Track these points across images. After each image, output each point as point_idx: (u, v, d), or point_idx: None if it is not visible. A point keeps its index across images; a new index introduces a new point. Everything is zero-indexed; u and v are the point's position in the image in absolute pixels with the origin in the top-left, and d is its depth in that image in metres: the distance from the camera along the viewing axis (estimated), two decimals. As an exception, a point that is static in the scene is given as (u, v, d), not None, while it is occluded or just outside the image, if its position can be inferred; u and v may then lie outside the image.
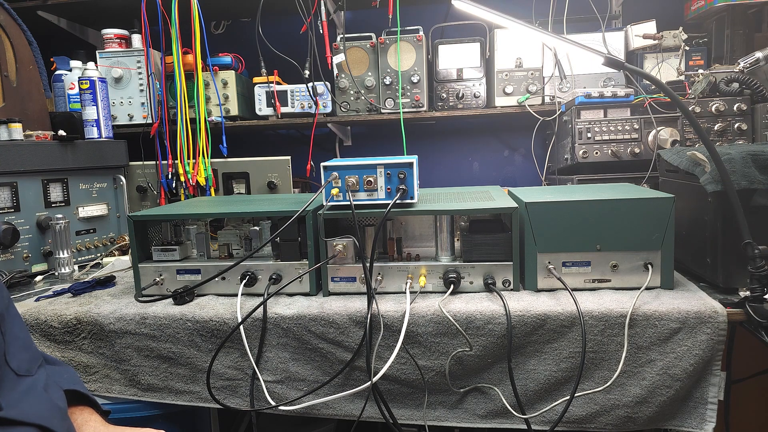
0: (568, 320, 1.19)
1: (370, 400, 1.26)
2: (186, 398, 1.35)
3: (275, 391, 1.30)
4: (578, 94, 1.87)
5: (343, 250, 1.34)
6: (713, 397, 1.18)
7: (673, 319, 1.16)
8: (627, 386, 1.19)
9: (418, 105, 2.19)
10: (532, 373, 1.22)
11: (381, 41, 2.17)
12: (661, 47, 2.05)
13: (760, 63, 1.77)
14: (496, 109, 2.16)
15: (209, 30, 2.50)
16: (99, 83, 1.98)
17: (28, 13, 2.19)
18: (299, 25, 2.05)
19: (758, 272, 1.13)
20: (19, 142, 1.70)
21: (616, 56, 1.37)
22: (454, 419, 1.27)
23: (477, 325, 1.21)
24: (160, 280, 1.42)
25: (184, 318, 1.30)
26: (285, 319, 1.27)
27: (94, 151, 1.95)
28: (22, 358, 0.94)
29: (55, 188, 1.80)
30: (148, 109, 2.21)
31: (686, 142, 1.80)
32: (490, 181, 2.59)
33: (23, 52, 1.94)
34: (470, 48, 2.17)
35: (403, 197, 1.31)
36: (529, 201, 1.30)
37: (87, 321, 1.34)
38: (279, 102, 2.22)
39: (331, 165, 1.32)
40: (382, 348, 1.24)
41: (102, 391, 1.37)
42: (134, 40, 2.25)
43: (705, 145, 1.19)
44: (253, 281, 1.38)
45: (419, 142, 2.55)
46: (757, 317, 1.12)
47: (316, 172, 2.14)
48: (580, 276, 1.31)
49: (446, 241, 1.36)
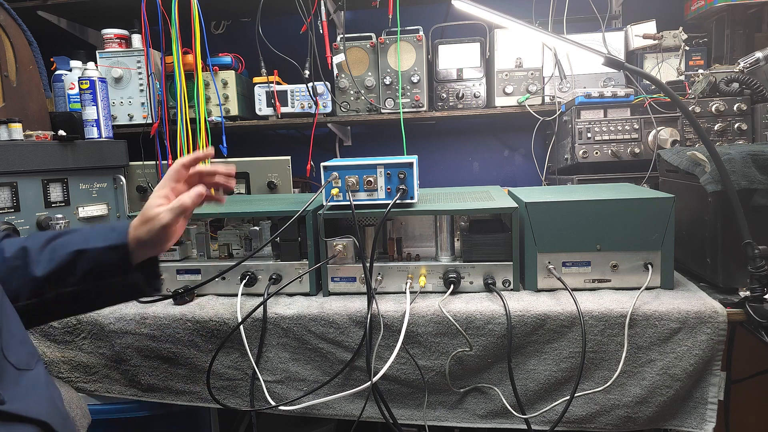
0: (568, 320, 1.19)
1: (370, 400, 1.27)
2: (186, 398, 1.35)
3: (275, 391, 1.30)
4: (578, 94, 1.87)
5: (343, 250, 1.34)
6: (713, 397, 1.18)
7: (673, 319, 1.16)
8: (627, 386, 1.19)
9: (418, 105, 2.19)
10: (532, 373, 1.22)
11: (381, 41, 2.17)
12: (661, 47, 2.04)
13: (760, 63, 1.77)
14: (496, 109, 2.16)
15: (209, 30, 2.50)
16: (99, 83, 1.98)
17: (28, 13, 2.19)
18: (299, 25, 2.05)
19: (758, 272, 1.13)
20: (19, 142, 1.70)
21: (616, 56, 1.37)
22: (454, 419, 1.28)
23: (477, 325, 1.21)
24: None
25: (184, 318, 1.30)
26: (285, 319, 1.27)
27: (94, 151, 1.94)
28: (20, 352, 0.93)
29: (55, 188, 1.80)
30: (148, 109, 2.20)
31: (686, 142, 1.80)
32: (490, 181, 2.59)
33: (23, 52, 1.94)
34: (470, 48, 2.17)
35: (403, 197, 1.31)
36: (529, 201, 1.30)
37: (87, 321, 1.34)
38: (279, 102, 2.22)
39: (331, 165, 1.32)
40: (382, 348, 1.24)
41: (102, 391, 1.37)
42: (134, 40, 2.25)
43: (705, 145, 1.19)
44: (253, 281, 1.38)
45: (419, 142, 2.55)
46: (757, 317, 1.12)
47: (316, 172, 2.13)
48: (580, 276, 1.31)
49: (446, 241, 1.36)
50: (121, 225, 1.01)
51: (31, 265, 0.97)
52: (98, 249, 0.97)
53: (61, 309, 1.03)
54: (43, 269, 0.97)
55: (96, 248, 0.97)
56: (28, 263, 0.97)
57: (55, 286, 0.97)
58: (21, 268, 0.97)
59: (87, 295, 1.00)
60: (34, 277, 0.97)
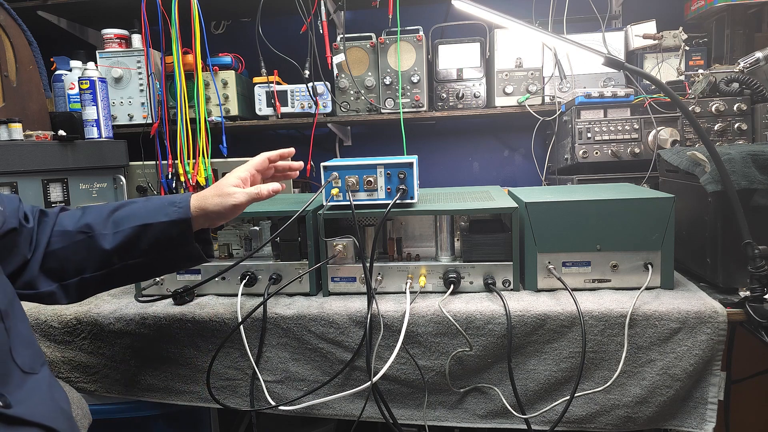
0: (568, 320, 1.19)
1: (370, 400, 1.27)
2: (186, 398, 1.35)
3: (275, 391, 1.30)
4: (578, 94, 1.87)
5: (343, 250, 1.34)
6: (713, 397, 1.18)
7: (673, 319, 1.16)
8: (627, 386, 1.19)
9: (418, 105, 2.19)
10: (532, 373, 1.22)
11: (381, 41, 2.17)
12: (661, 47, 2.04)
13: (760, 63, 1.77)
14: (496, 109, 2.16)
15: (209, 30, 2.50)
16: (99, 83, 1.98)
17: (28, 13, 2.19)
18: (299, 25, 2.05)
19: (758, 272, 1.13)
20: (19, 142, 1.70)
21: (616, 56, 1.37)
22: (454, 419, 1.28)
23: (477, 325, 1.21)
24: (160, 280, 1.42)
25: (184, 318, 1.30)
26: (285, 319, 1.27)
27: (94, 151, 1.94)
28: (26, 354, 0.94)
29: (55, 188, 1.80)
30: (148, 109, 2.20)
31: (686, 142, 1.80)
32: (490, 181, 2.59)
33: (23, 52, 1.94)
34: (470, 48, 2.17)
35: (403, 197, 1.31)
36: (529, 201, 1.30)
37: (87, 321, 1.34)
38: (279, 102, 2.22)
39: (331, 165, 1.32)
40: (382, 348, 1.24)
41: (102, 391, 1.37)
42: (134, 40, 2.25)
43: (705, 145, 1.19)
44: (253, 281, 1.38)
45: (419, 142, 2.55)
46: (757, 317, 1.12)
47: (316, 172, 2.13)
48: (580, 276, 1.31)
49: (446, 241, 1.36)
50: (181, 199, 1.08)
51: (98, 239, 1.03)
52: (163, 223, 1.05)
53: (124, 278, 1.10)
54: (111, 243, 1.03)
55: (161, 222, 1.05)
56: (94, 237, 1.03)
57: (121, 258, 1.05)
58: (87, 242, 1.03)
59: (150, 265, 1.08)
60: (102, 250, 1.03)
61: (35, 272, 1.01)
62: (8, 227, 0.98)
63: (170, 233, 1.05)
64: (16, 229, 0.99)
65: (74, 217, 1.06)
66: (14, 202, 1.02)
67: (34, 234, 1.02)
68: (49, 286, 1.02)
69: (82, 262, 1.04)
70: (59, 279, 1.03)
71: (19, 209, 1.02)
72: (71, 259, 1.03)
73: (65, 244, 1.03)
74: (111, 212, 1.07)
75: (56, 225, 1.05)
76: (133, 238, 1.04)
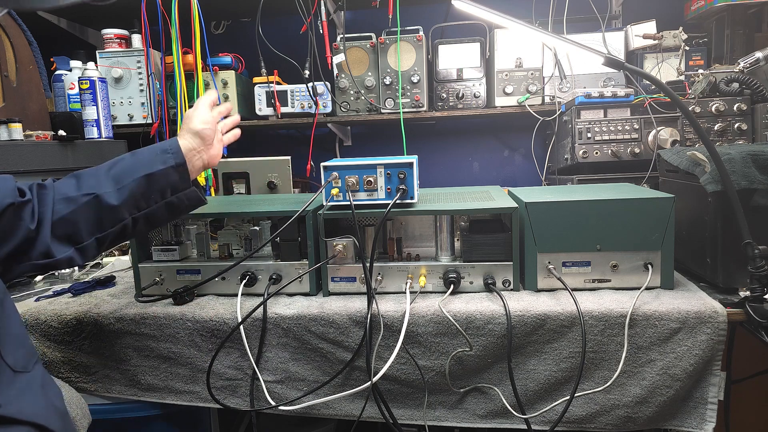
0: (568, 320, 1.19)
1: (370, 400, 1.27)
2: (186, 398, 1.35)
3: (275, 391, 1.30)
4: (578, 94, 1.87)
5: (343, 250, 1.34)
6: (713, 397, 1.18)
7: (673, 319, 1.16)
8: (627, 386, 1.19)
9: (418, 105, 2.19)
10: (532, 373, 1.22)
11: (381, 41, 2.17)
12: (661, 47, 2.05)
13: (760, 63, 1.77)
14: (496, 109, 2.16)
15: (209, 30, 2.50)
16: (99, 83, 1.98)
17: (28, 13, 2.19)
18: (299, 25, 2.05)
19: (758, 272, 1.13)
20: (19, 142, 1.70)
21: (616, 56, 1.37)
22: (454, 419, 1.27)
23: (477, 325, 1.21)
24: (160, 280, 1.42)
25: (184, 318, 1.30)
26: (285, 319, 1.27)
27: (94, 151, 1.95)
28: (18, 354, 0.94)
29: (55, 188, 1.80)
30: (148, 109, 2.21)
31: (686, 142, 1.80)
32: (490, 181, 2.59)
33: (23, 52, 1.94)
34: (470, 48, 2.17)
35: (403, 197, 1.31)
36: (529, 201, 1.30)
37: (87, 321, 1.34)
38: (279, 102, 2.22)
39: (331, 165, 1.32)
40: (382, 348, 1.24)
41: (102, 391, 1.37)
42: (134, 40, 2.25)
43: (705, 145, 1.19)
44: (253, 281, 1.38)
45: (419, 142, 2.55)
46: (757, 317, 1.12)
47: (316, 172, 2.14)
48: (580, 276, 1.31)
49: (446, 241, 1.36)
50: (170, 145, 1.14)
51: (104, 197, 1.06)
52: (163, 170, 1.11)
53: (135, 230, 1.13)
54: (117, 198, 1.07)
55: (161, 170, 1.11)
56: (99, 197, 1.06)
57: (132, 210, 1.10)
58: (94, 203, 1.06)
59: (158, 213, 1.14)
60: (111, 206, 1.06)
61: (47, 241, 1.02)
62: (6, 203, 0.98)
63: (172, 178, 1.12)
64: (14, 204, 0.99)
65: (71, 183, 1.08)
66: (9, 181, 1.03)
67: (34, 205, 1.03)
68: (65, 252, 1.04)
69: (93, 222, 1.07)
70: (74, 243, 1.06)
71: (14, 188, 1.02)
72: (81, 221, 1.05)
73: (72, 208, 1.05)
74: (107, 170, 1.10)
75: (56, 193, 1.06)
76: (139, 189, 1.09)
